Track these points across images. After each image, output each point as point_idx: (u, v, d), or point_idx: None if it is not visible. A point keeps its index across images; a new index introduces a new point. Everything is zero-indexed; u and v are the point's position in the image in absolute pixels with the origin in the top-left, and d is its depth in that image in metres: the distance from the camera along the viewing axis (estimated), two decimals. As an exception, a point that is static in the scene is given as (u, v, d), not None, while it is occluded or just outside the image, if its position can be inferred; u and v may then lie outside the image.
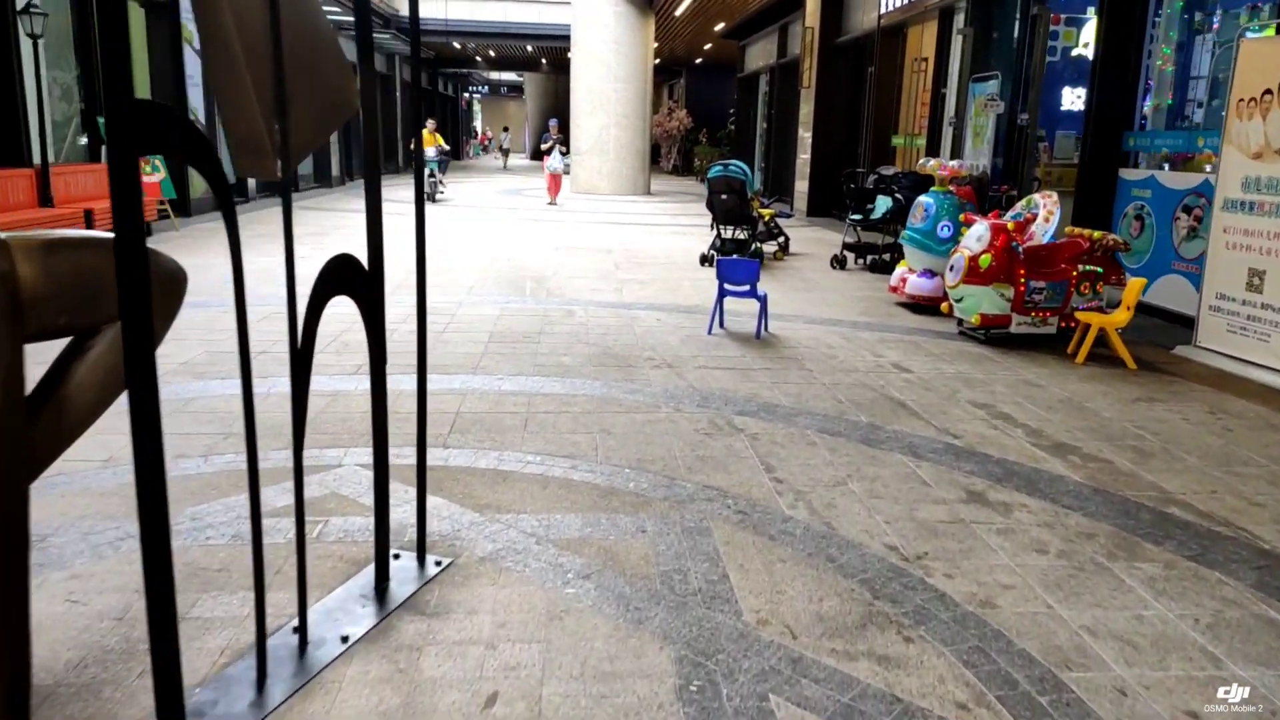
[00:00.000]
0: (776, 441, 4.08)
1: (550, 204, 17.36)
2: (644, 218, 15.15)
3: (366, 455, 3.77)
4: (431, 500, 3.36)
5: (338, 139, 21.68)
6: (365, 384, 4.82)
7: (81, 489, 3.39)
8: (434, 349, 5.68)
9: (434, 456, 3.82)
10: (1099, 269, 6.24)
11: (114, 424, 4.23)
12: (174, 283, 2.00)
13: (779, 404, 4.66)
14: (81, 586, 2.69)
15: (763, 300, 6.29)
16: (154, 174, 11.87)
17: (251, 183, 16.42)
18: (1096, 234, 6.35)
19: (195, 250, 10.08)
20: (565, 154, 18.63)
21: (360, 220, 13.53)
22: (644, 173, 20.52)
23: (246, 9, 1.96)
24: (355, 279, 2.46)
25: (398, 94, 27.89)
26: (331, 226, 13.10)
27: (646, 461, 3.81)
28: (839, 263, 9.79)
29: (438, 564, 2.88)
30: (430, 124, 18.71)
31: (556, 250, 10.77)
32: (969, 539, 3.15)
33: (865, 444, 4.08)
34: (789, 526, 3.20)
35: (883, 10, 13.30)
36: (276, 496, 3.37)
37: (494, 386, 4.89)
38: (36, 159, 9.71)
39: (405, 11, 25.55)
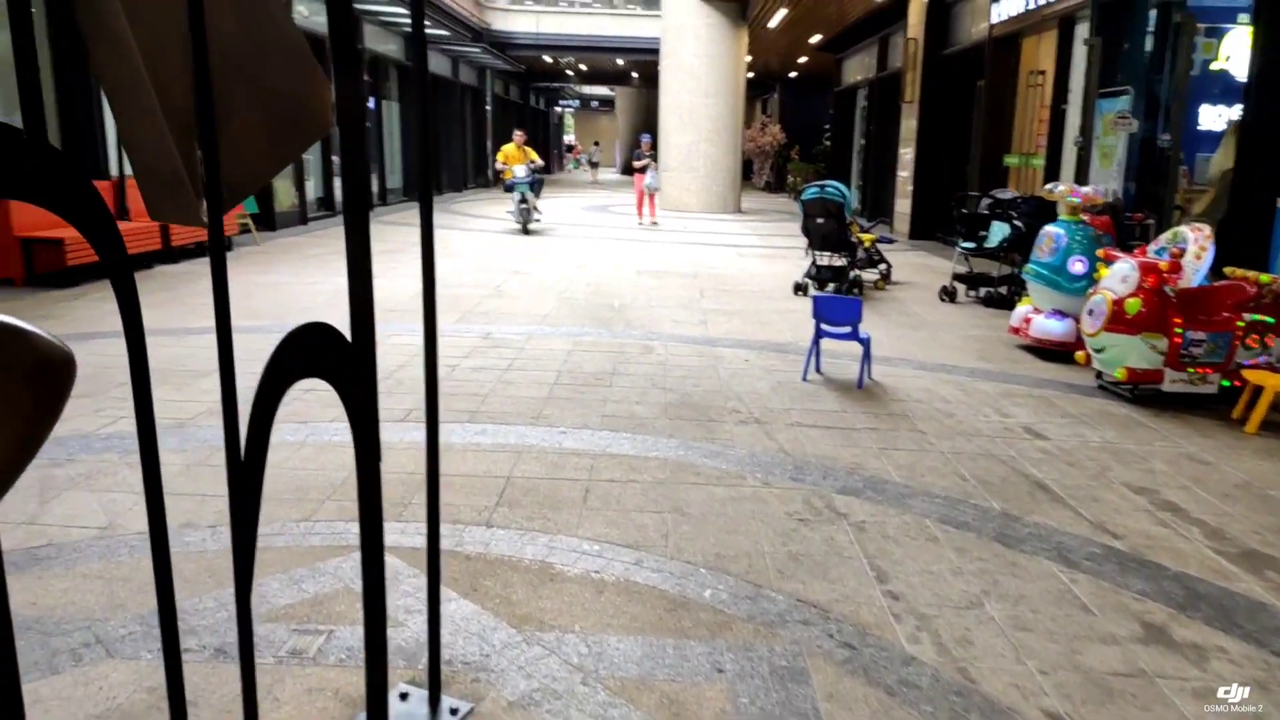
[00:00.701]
0: (888, 534, 3.34)
1: (642, 224, 16.42)
2: (733, 238, 14.44)
3: (402, 533, 3.18)
4: (461, 607, 2.74)
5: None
6: (415, 434, 4.26)
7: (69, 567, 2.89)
8: (495, 391, 5.10)
9: (474, 539, 3.21)
10: (1269, 318, 5.27)
11: (126, 479, 3.80)
12: (46, 369, 1.40)
13: (888, 479, 3.90)
14: None
15: (866, 344, 5.52)
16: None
17: (382, 186, 16.36)
18: (1265, 277, 5.38)
19: (268, 266, 9.82)
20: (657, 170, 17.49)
21: (447, 238, 13.24)
22: (734, 190, 19.81)
23: None
24: (329, 356, 1.83)
25: (488, 107, 27.84)
26: (410, 243, 12.79)
27: (727, 559, 3.11)
28: (948, 295, 8.89)
29: (454, 712, 2.24)
30: (518, 136, 14.77)
31: (639, 274, 10.16)
32: (1156, 703, 2.36)
33: (1001, 543, 3.30)
34: (912, 674, 2.46)
35: (994, 20, 12.32)
36: (283, 590, 2.80)
37: (555, 442, 4.26)
38: (114, 172, 9.58)
39: (498, 26, 25.52)
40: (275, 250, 11.37)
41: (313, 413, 4.57)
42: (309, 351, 1.78)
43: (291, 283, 8.85)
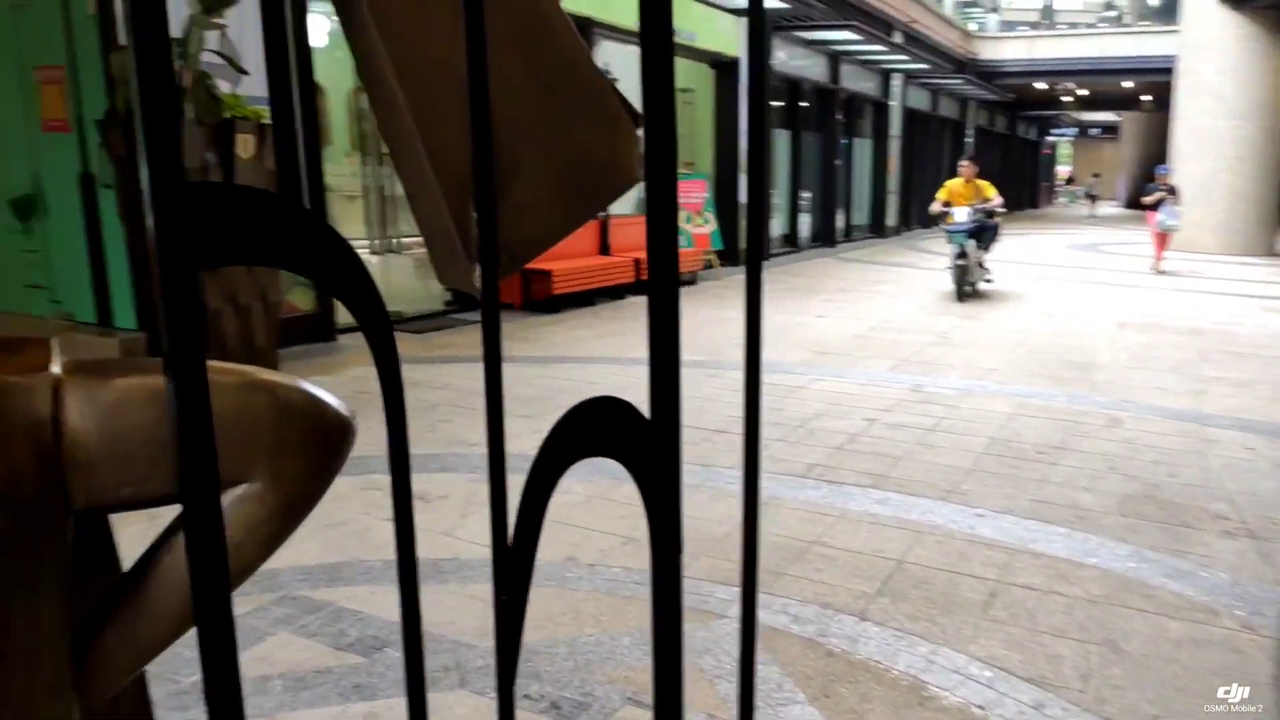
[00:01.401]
0: None
1: (1156, 269, 13.68)
2: (1258, 287, 11.87)
3: (765, 608, 2.91)
4: (804, 714, 2.37)
5: (896, 183, 21.19)
6: (812, 494, 3.97)
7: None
8: (910, 454, 4.60)
9: (842, 631, 2.81)
10: None
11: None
12: (322, 436, 1.37)
13: None
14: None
15: None
16: (704, 225, 12.49)
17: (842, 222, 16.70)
18: None
19: (723, 301, 10.22)
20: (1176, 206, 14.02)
21: (905, 276, 12.78)
22: (1266, 229, 16.40)
23: (417, 38, 1.26)
24: (620, 433, 1.60)
25: (969, 139, 26.55)
26: (866, 281, 12.52)
27: (1169, 729, 2.33)
28: None
29: None
30: (966, 169, 11.05)
31: (1121, 327, 8.72)
32: None
33: None
34: None
35: None
36: (633, 649, 2.68)
37: (966, 526, 3.66)
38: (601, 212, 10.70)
39: (985, 55, 24.26)
40: (736, 285, 11.85)
41: (717, 457, 4.50)
42: (597, 426, 1.58)
43: (739, 319, 9.09)
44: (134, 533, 1.24)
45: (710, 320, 8.93)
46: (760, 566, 3.12)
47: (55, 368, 1.16)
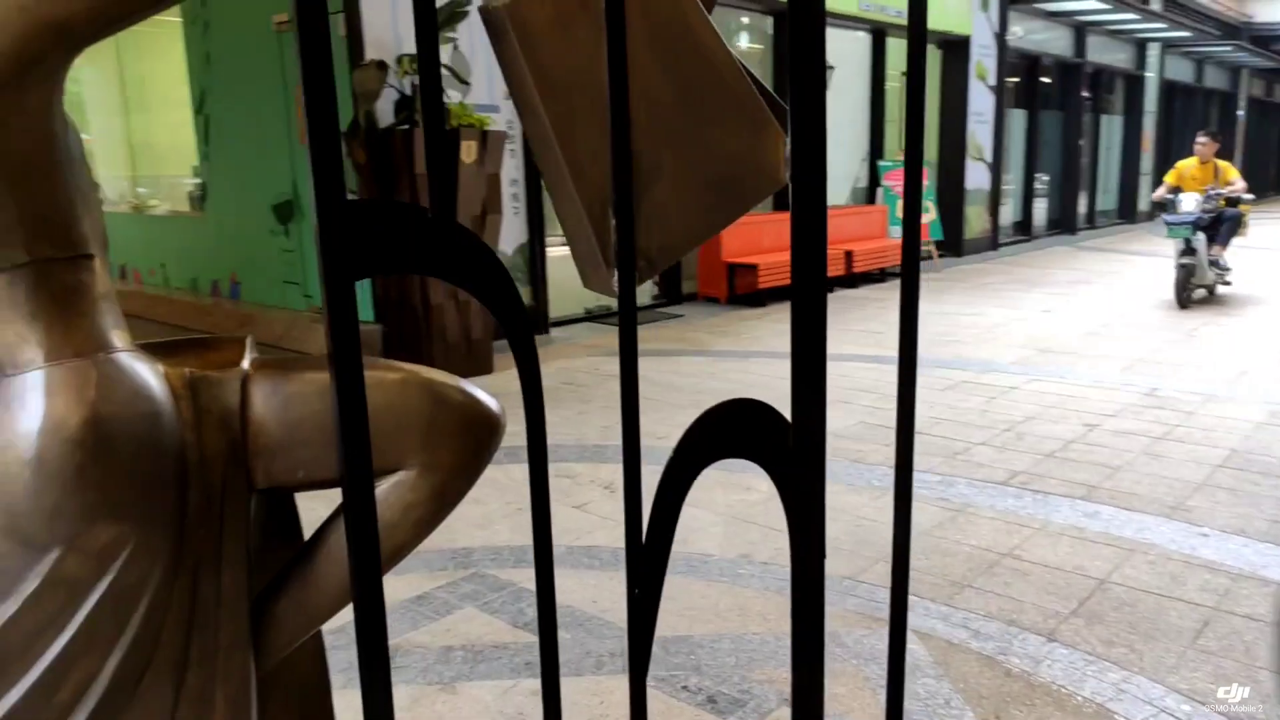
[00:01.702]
0: None
1: None
2: None
3: (944, 620, 2.80)
4: (970, 735, 2.27)
5: (1150, 163, 19.22)
6: (1013, 502, 3.76)
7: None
8: (1132, 464, 4.22)
9: (1025, 650, 2.65)
10: None
11: (721, 499, 4.05)
12: (473, 430, 1.48)
13: None
14: None
15: None
16: (924, 215, 11.97)
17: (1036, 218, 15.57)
18: None
19: (938, 295, 9.77)
20: None
21: (1150, 265, 11.63)
22: None
23: (558, 53, 1.33)
24: (759, 435, 1.60)
25: (1240, 113, 23.64)
26: (1105, 272, 11.53)
27: None
28: None
29: None
30: (1203, 146, 8.82)
31: None
32: None
33: None
34: None
35: None
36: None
37: (1186, 546, 3.31)
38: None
39: (1262, 18, 21.52)
40: (953, 277, 11.29)
41: (928, 463, 4.34)
42: (734, 428, 1.60)
43: (954, 313, 8.66)
44: (322, 514, 1.40)
45: (921, 314, 8.58)
46: (942, 577, 3.03)
47: (245, 364, 1.34)
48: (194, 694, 1.28)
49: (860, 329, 7.86)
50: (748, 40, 10.94)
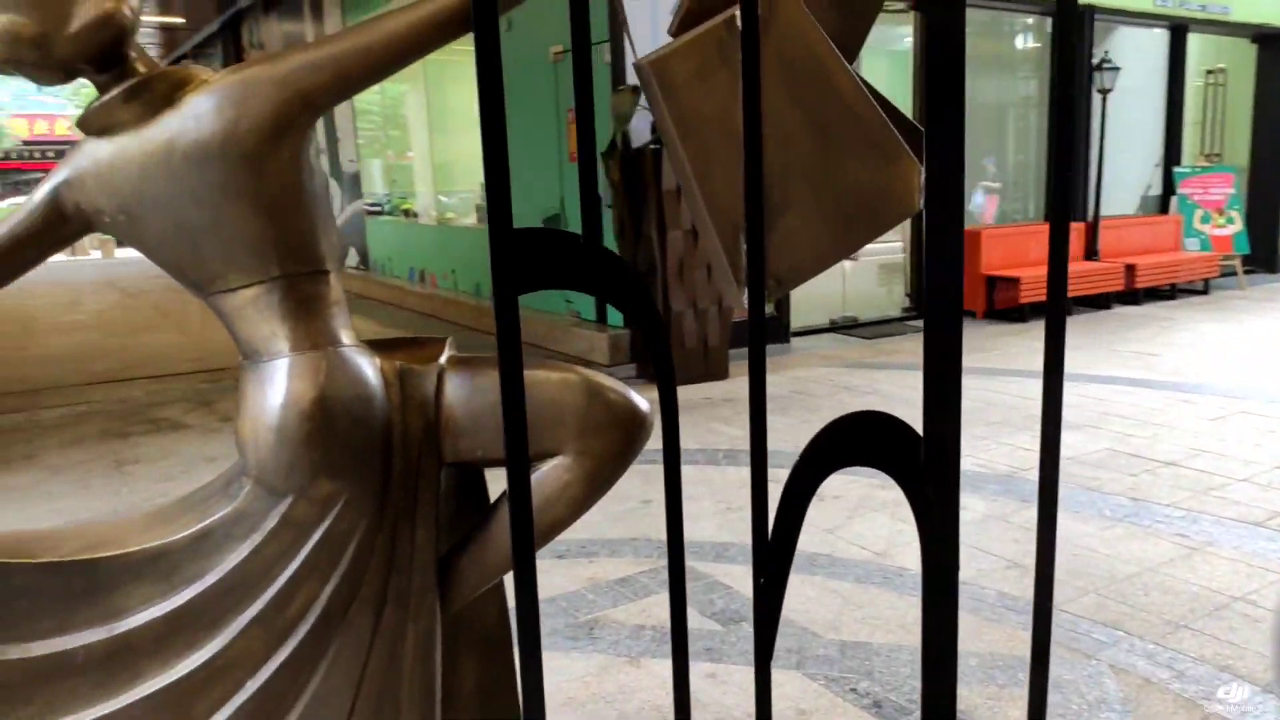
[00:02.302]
0: None
1: None
2: None
3: (1150, 658, 2.67)
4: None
5: None
6: (1262, 544, 3.45)
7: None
8: None
9: (1232, 699, 2.46)
10: None
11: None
12: (623, 424, 1.72)
13: None
14: None
15: None
16: (1227, 226, 10.75)
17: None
18: None
19: (1235, 315, 8.75)
20: None
21: None
22: None
23: (697, 100, 1.53)
24: (888, 446, 1.70)
25: None
26: None
27: None
28: None
29: None
30: None
31: None
32: None
33: None
34: None
35: None
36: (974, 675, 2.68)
37: None
38: (1089, 214, 9.79)
39: None
40: (1261, 296, 10.05)
41: (1157, 492, 4.05)
42: (864, 437, 1.71)
43: (1249, 335, 7.75)
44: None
45: (1210, 336, 7.76)
46: (1158, 614, 2.89)
47: (443, 359, 1.67)
48: (390, 628, 1.60)
49: (1131, 349, 7.27)
50: (1028, 40, 10.42)
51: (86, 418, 6.12)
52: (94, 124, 1.42)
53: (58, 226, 1.47)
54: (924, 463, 1.67)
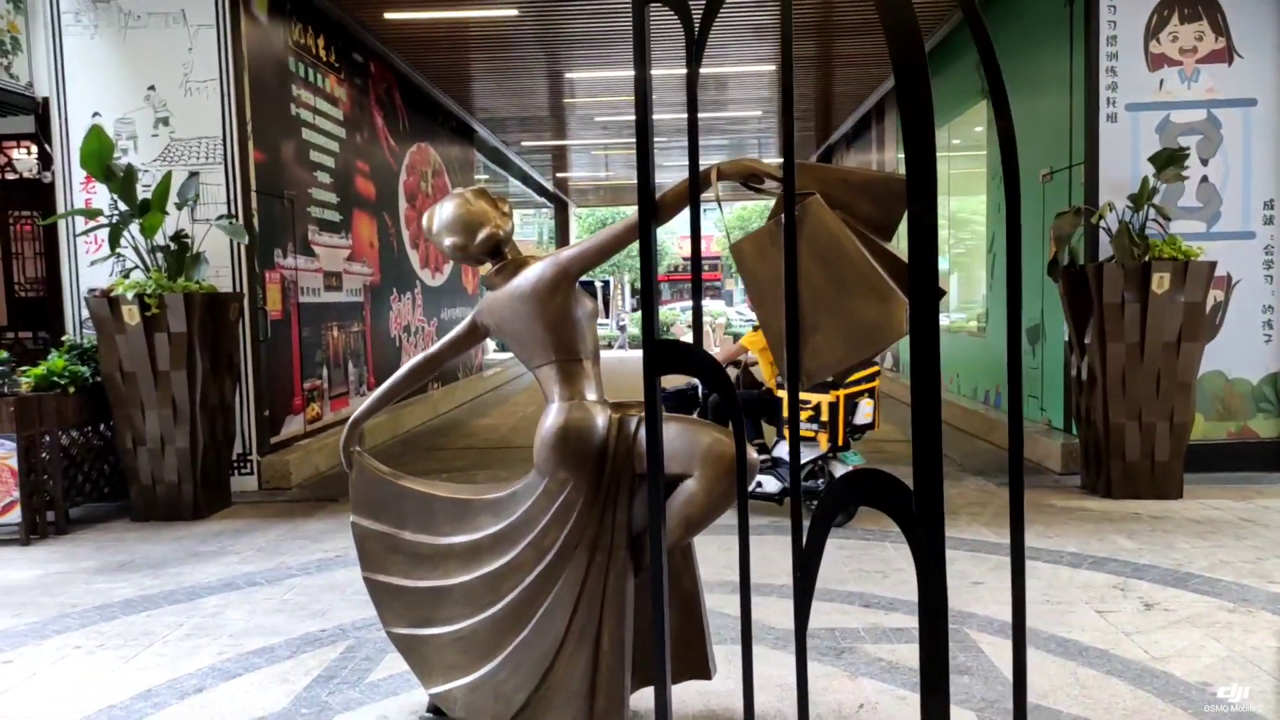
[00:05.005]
0: None
1: None
2: None
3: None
4: None
5: None
6: None
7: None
8: None
9: None
10: None
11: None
12: (723, 459, 2.64)
13: None
14: None
15: None
16: None
17: None
18: None
19: None
20: None
21: None
22: None
23: (758, 266, 2.46)
24: (886, 494, 2.32)
25: None
26: None
27: None
28: None
29: None
30: None
31: None
32: None
33: None
34: None
35: None
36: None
37: None
38: None
39: None
40: None
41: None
42: (869, 489, 2.38)
43: None
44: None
45: None
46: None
47: (638, 413, 2.78)
48: (598, 569, 2.76)
49: None
50: None
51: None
52: (488, 283, 2.91)
53: (472, 335, 2.99)
54: (916, 511, 2.31)
